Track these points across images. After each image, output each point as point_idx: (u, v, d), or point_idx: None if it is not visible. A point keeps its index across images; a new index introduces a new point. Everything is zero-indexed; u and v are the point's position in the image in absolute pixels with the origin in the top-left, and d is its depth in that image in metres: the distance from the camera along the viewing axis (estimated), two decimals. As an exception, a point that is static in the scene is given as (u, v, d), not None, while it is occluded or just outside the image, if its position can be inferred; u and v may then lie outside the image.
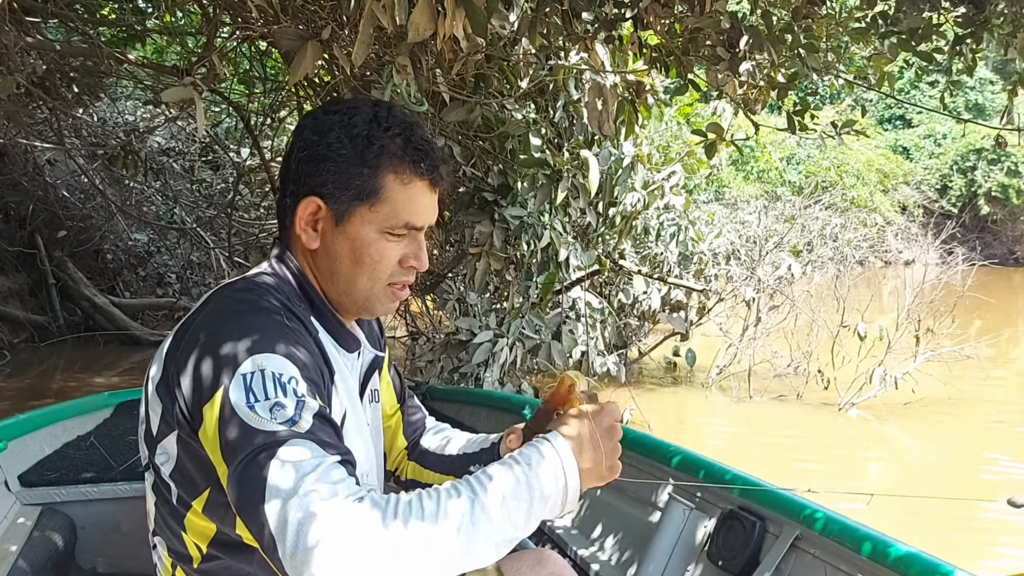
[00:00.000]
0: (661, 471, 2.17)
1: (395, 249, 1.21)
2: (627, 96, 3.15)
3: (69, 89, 6.81)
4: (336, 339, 1.27)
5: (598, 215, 4.30)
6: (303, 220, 1.21)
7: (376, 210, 1.19)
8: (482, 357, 3.92)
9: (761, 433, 6.47)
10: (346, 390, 1.25)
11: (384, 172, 1.18)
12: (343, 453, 1.01)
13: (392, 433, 1.56)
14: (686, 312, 7.03)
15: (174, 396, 1.09)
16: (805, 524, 1.74)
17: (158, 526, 1.23)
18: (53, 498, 2.12)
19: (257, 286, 1.18)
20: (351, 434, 1.24)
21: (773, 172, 26.28)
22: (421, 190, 1.21)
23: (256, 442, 0.98)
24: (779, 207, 9.49)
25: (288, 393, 1.02)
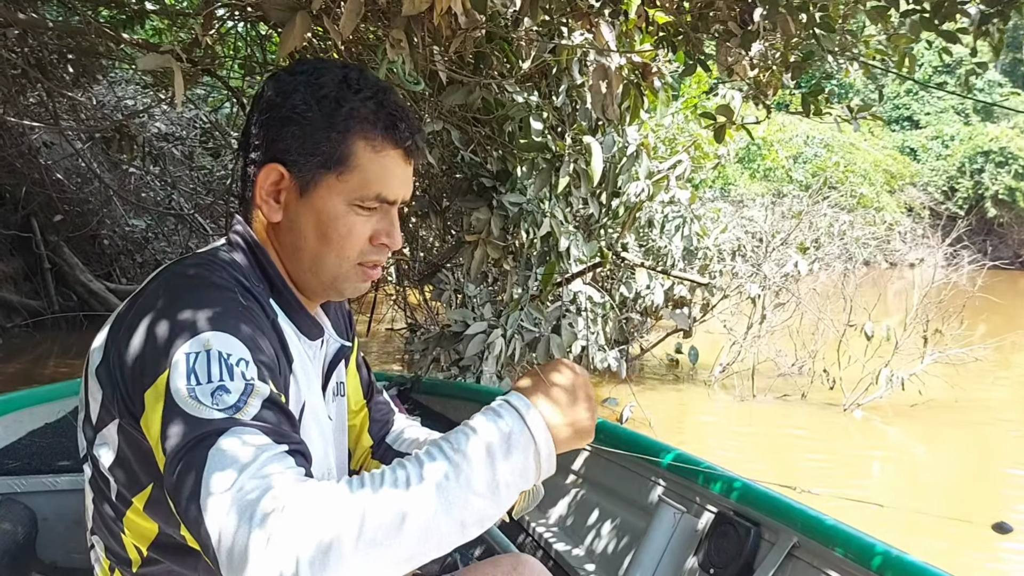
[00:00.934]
0: (652, 471, 2.05)
1: (365, 224, 1.10)
2: (633, 79, 3.02)
3: (65, 70, 6.70)
4: (297, 324, 1.15)
5: (600, 205, 4.17)
6: (264, 190, 1.09)
7: (345, 179, 1.07)
8: (476, 349, 3.79)
9: (764, 433, 6.36)
10: (306, 380, 1.13)
11: (354, 138, 1.07)
12: (295, 443, 0.89)
13: (357, 431, 1.44)
14: (689, 308, 6.90)
15: (115, 380, 0.98)
16: (803, 531, 1.61)
17: (96, 525, 1.11)
18: (13, 488, 2.01)
19: (210, 262, 1.06)
20: (310, 429, 1.13)
21: (780, 170, 26.19)
22: (394, 160, 1.10)
23: (194, 432, 0.86)
24: (787, 203, 9.35)
25: (235, 376, 0.90)
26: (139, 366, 0.94)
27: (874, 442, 6.42)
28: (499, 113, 3.31)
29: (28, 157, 7.92)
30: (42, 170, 8.05)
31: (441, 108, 3.63)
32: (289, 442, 0.88)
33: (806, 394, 7.17)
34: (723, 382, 7.45)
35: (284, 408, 0.94)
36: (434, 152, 3.60)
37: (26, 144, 7.83)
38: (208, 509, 0.81)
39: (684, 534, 1.89)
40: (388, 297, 7.70)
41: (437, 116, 3.70)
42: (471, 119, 3.63)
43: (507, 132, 3.38)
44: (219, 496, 0.81)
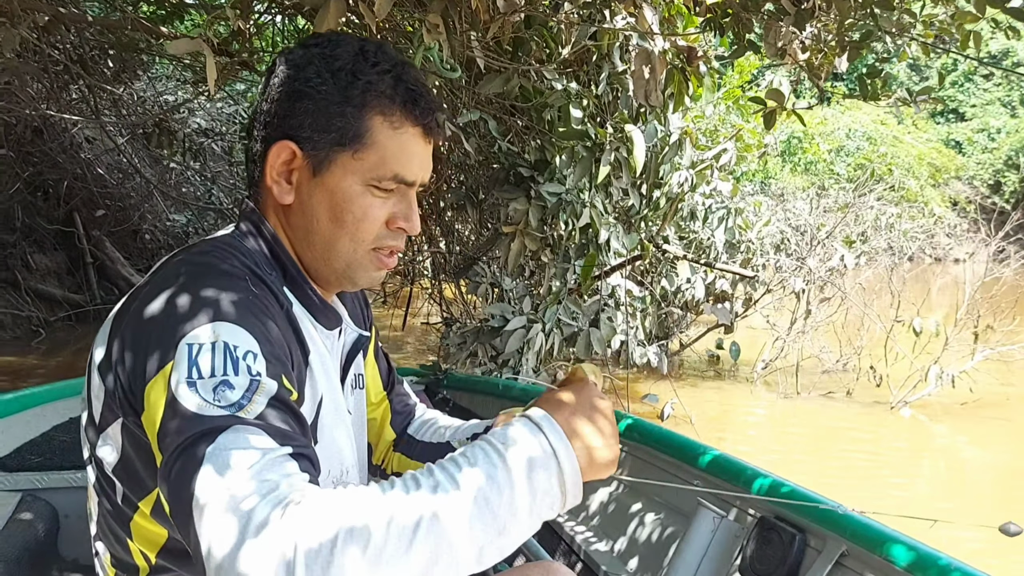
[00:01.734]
0: (690, 473, 1.95)
1: (382, 207, 1.03)
2: (677, 63, 2.91)
3: (106, 65, 6.75)
4: (313, 313, 1.08)
5: (641, 196, 4.07)
6: (275, 169, 1.02)
7: (361, 158, 1.00)
8: (516, 345, 3.71)
9: (808, 432, 6.20)
10: (324, 373, 1.07)
11: (371, 113, 1.00)
12: (300, 446, 0.83)
13: (379, 424, 1.37)
14: (731, 303, 6.75)
15: (117, 376, 0.91)
16: (853, 540, 1.50)
17: (100, 530, 1.04)
18: (35, 484, 1.98)
19: (219, 249, 1.00)
20: (329, 424, 1.06)
21: (821, 164, 25.78)
22: (413, 138, 1.03)
23: (191, 430, 0.80)
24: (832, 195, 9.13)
25: (240, 370, 0.84)
26: (141, 359, 0.88)
27: (922, 441, 6.23)
28: (538, 101, 3.22)
29: (71, 152, 8.01)
30: (84, 165, 8.14)
31: (478, 97, 3.55)
32: (294, 444, 0.82)
33: (852, 391, 6.98)
34: (765, 379, 7.29)
35: (292, 406, 0.87)
36: (471, 142, 3.52)
37: (68, 140, 7.92)
38: (200, 514, 0.75)
39: (724, 539, 1.79)
40: (424, 291, 7.67)
41: (474, 105, 3.63)
42: (509, 108, 3.55)
43: (546, 120, 3.29)
44: (213, 501, 0.75)
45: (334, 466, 1.07)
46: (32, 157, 7.77)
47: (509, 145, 3.55)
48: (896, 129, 29.15)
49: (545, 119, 3.29)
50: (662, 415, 4.99)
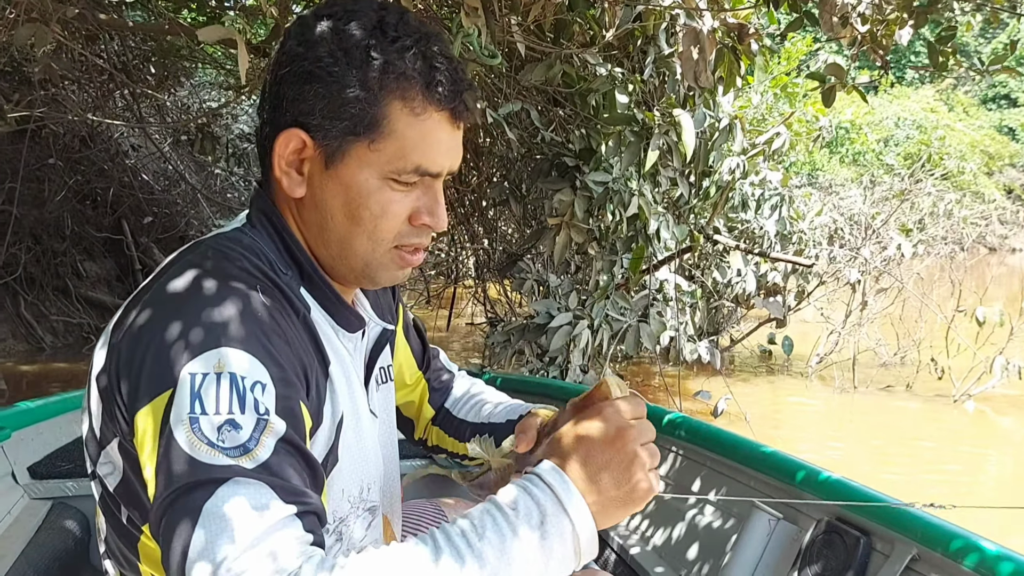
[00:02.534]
0: (743, 472, 1.83)
1: (403, 201, 0.92)
2: (727, 42, 2.78)
3: (148, 72, 6.81)
4: (334, 316, 0.99)
5: (690, 185, 3.93)
6: (283, 159, 0.91)
7: (378, 148, 0.89)
8: (561, 342, 3.60)
9: (867, 428, 5.99)
10: (346, 383, 0.98)
11: (389, 98, 0.88)
12: (305, 502, 0.76)
13: (418, 404, 1.30)
14: (783, 296, 6.56)
15: (113, 393, 0.83)
16: (924, 543, 1.35)
17: (109, 549, 0.97)
18: (65, 492, 1.92)
19: (229, 249, 0.91)
20: (351, 441, 0.98)
21: (870, 154, 25.28)
22: (438, 124, 0.91)
23: (190, 476, 0.73)
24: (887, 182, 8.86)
25: (247, 407, 0.76)
26: (135, 380, 0.80)
27: (988, 435, 5.99)
28: (582, 87, 3.11)
29: (117, 160, 8.11)
30: (130, 173, 8.24)
31: (519, 87, 3.46)
32: (299, 501, 0.75)
33: (911, 385, 6.74)
34: (820, 373, 7.08)
35: (301, 448, 0.79)
36: (512, 133, 3.43)
37: (114, 148, 8.03)
38: (195, 566, 0.69)
39: (781, 543, 1.65)
40: (467, 291, 7.61)
41: (515, 95, 3.53)
42: (551, 97, 3.45)
43: (591, 106, 3.18)
44: (205, 566, 0.69)
45: (352, 486, 0.99)
46: (80, 166, 7.89)
47: (552, 135, 3.45)
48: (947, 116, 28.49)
49: (590, 104, 3.18)
50: (715, 412, 4.85)
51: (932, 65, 2.41)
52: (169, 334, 0.79)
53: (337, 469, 0.96)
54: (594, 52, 2.94)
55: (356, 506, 1.00)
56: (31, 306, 7.56)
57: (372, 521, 1.04)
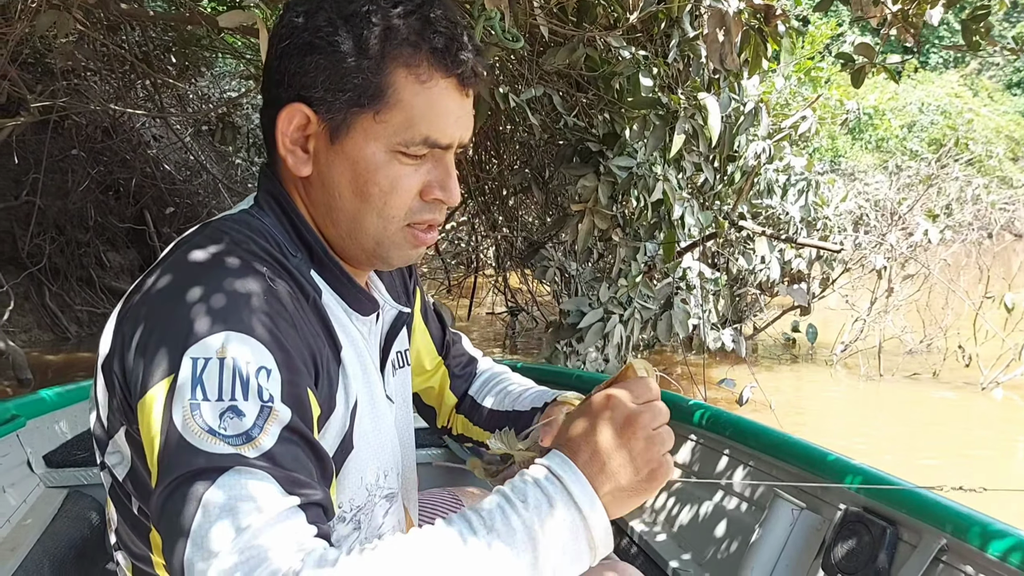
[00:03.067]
0: (765, 461, 1.79)
1: (413, 176, 0.88)
2: (753, 24, 2.74)
3: (169, 62, 6.83)
4: (346, 299, 0.96)
5: (715, 170, 3.88)
6: (287, 137, 0.88)
7: (384, 119, 0.85)
8: (594, 340, 3.57)
9: (893, 416, 5.92)
10: (360, 367, 0.95)
11: (392, 66, 0.84)
12: (309, 493, 0.74)
13: (438, 391, 1.27)
14: (808, 283, 6.49)
15: (117, 380, 0.81)
16: (953, 532, 1.31)
17: (120, 540, 0.95)
18: (81, 480, 1.91)
19: (236, 232, 0.88)
20: (366, 428, 0.95)
21: (893, 140, 24.99)
22: (446, 91, 0.87)
23: (191, 464, 0.70)
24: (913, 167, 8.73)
25: (250, 393, 0.73)
26: (139, 365, 0.77)
27: (1017, 423, 5.90)
28: (606, 70, 3.07)
29: (139, 151, 8.16)
30: (152, 163, 8.28)
31: (541, 71, 3.42)
32: (302, 493, 0.73)
33: (938, 373, 6.66)
34: (845, 361, 7.01)
35: (306, 436, 0.77)
36: (535, 119, 3.40)
37: (136, 138, 8.07)
38: (193, 569, 0.68)
39: (804, 534, 1.61)
40: (488, 280, 7.59)
41: (537, 80, 3.50)
42: (574, 81, 3.41)
43: (615, 90, 3.13)
44: (207, 558, 0.67)
45: (369, 473, 0.96)
46: (102, 156, 7.94)
47: (575, 120, 3.41)
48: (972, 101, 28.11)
49: (614, 88, 3.13)
50: (740, 400, 4.80)
51: (966, 45, 2.34)
52: (172, 319, 0.77)
53: (352, 456, 0.93)
54: (617, 35, 2.90)
55: (374, 493, 0.98)
56: (56, 296, 7.63)
57: (390, 508, 1.02)
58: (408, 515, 1.15)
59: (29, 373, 5.76)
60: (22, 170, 6.93)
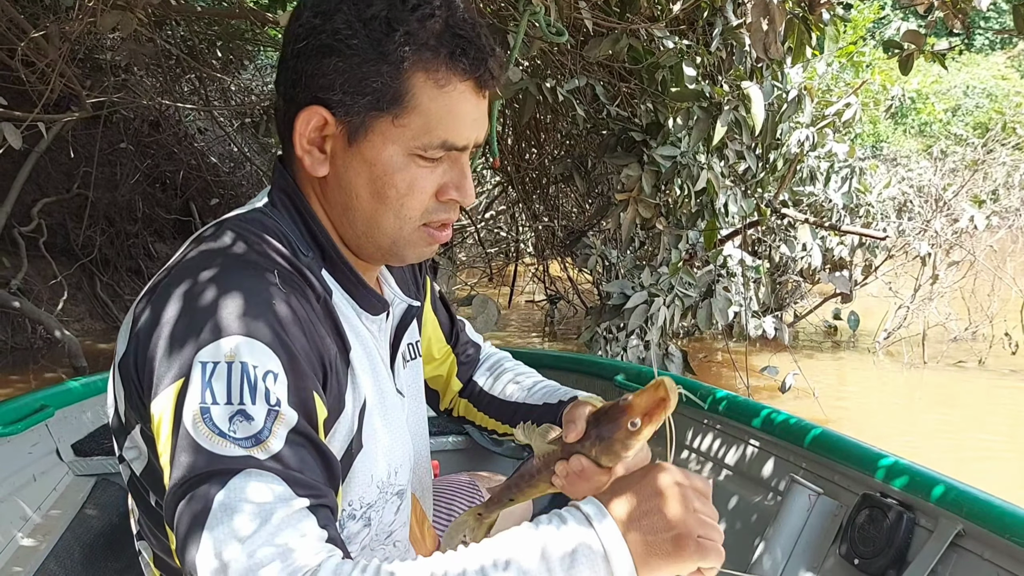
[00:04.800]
0: (782, 447, 1.80)
1: (430, 177, 0.90)
2: (797, 12, 2.74)
3: (214, 55, 6.95)
4: (356, 299, 0.97)
5: (757, 158, 3.88)
6: (305, 138, 0.89)
7: (402, 124, 0.86)
8: (638, 321, 3.60)
9: (937, 404, 5.86)
10: (370, 367, 0.97)
11: (412, 70, 0.85)
12: (318, 495, 0.76)
13: (446, 378, 1.29)
14: (850, 271, 6.44)
15: (132, 379, 0.84)
16: (971, 518, 1.33)
17: (142, 530, 0.98)
18: (108, 468, 1.96)
19: (248, 231, 0.89)
20: (376, 426, 0.96)
21: (936, 125, 24.48)
22: (463, 95, 0.88)
23: (203, 467, 0.73)
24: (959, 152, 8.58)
25: (258, 397, 0.75)
26: (151, 368, 0.80)
27: (1066, 412, 5.81)
28: (649, 61, 3.09)
29: (185, 144, 8.31)
30: (198, 156, 8.43)
31: (584, 62, 3.45)
32: (312, 494, 0.75)
33: (984, 360, 6.57)
34: (888, 349, 6.94)
35: (314, 440, 0.79)
36: (580, 109, 3.43)
37: (182, 131, 8.22)
38: (204, 570, 0.70)
39: (821, 519, 1.64)
40: (529, 268, 7.63)
41: (580, 71, 3.53)
42: (618, 72, 3.43)
43: (658, 81, 3.16)
44: (219, 559, 0.69)
45: (380, 470, 0.98)
46: (149, 149, 8.10)
47: (619, 110, 3.44)
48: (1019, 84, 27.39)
49: (657, 80, 3.15)
50: (783, 387, 4.79)
51: (1017, 29, 2.32)
52: (182, 322, 0.79)
53: (362, 455, 0.94)
54: (661, 26, 2.92)
55: (385, 490, 0.99)
56: (107, 286, 7.82)
57: (400, 504, 1.04)
58: (419, 505, 1.17)
59: (84, 361, 5.92)
60: (73, 164, 7.10)
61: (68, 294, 6.92)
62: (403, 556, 1.01)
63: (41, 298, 6.78)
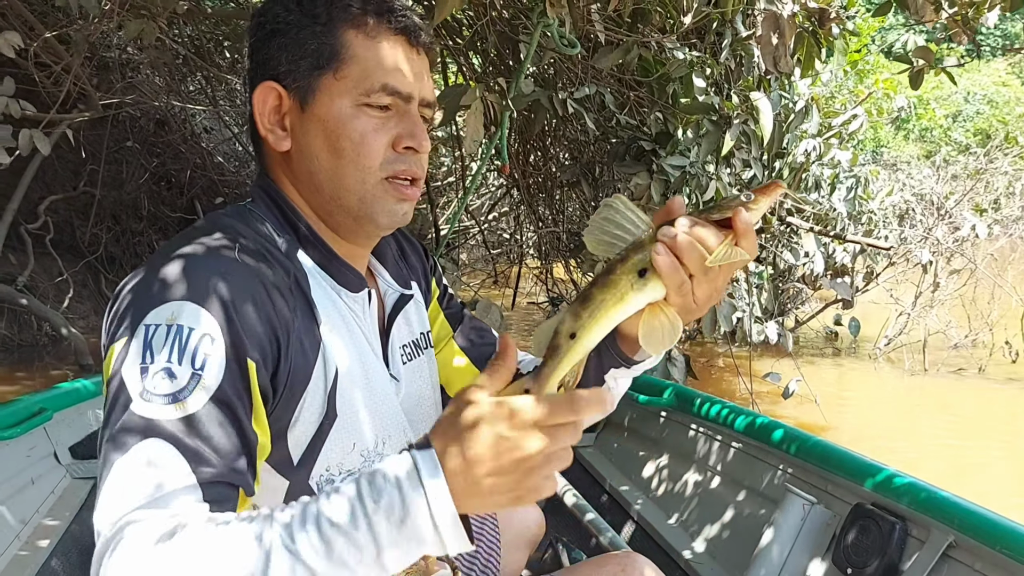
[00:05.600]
0: (778, 456, 1.83)
1: (382, 128, 0.95)
2: (808, 26, 2.78)
3: (222, 56, 6.98)
4: (333, 275, 1.00)
5: (764, 167, 3.92)
6: (265, 117, 0.96)
7: (343, 75, 0.94)
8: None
9: (938, 412, 5.90)
10: (351, 340, 0.99)
11: (342, 27, 0.94)
12: (214, 467, 0.76)
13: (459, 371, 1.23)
14: (851, 277, 6.48)
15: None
16: (961, 529, 1.36)
17: None
18: None
19: (221, 218, 0.95)
20: (352, 396, 0.98)
21: (937, 131, 24.52)
22: (396, 45, 0.96)
23: (120, 424, 0.76)
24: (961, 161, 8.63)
25: (185, 358, 0.78)
26: (105, 328, 0.85)
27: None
28: (660, 72, 3.13)
29: (191, 143, 8.33)
30: (204, 154, 8.45)
31: (594, 70, 3.49)
32: (207, 470, 0.76)
33: (984, 368, 6.61)
34: (889, 356, 6.99)
35: (233, 407, 0.80)
36: (589, 117, 3.47)
37: (189, 130, 8.24)
38: (97, 520, 0.73)
39: (815, 528, 1.67)
40: (533, 271, 7.67)
41: (590, 79, 3.56)
42: (628, 80, 3.47)
43: (668, 94, 3.19)
44: (104, 515, 0.73)
45: (366, 439, 0.99)
46: (155, 148, 8.13)
47: (628, 118, 3.47)
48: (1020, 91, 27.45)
49: (667, 92, 3.19)
50: (786, 393, 4.82)
51: (1025, 50, 2.35)
52: (139, 291, 0.83)
53: (338, 423, 0.96)
54: (672, 38, 2.96)
55: (370, 459, 1.00)
56: (111, 284, 7.83)
57: None
58: None
59: (90, 359, 5.94)
60: (80, 162, 7.13)
61: (73, 292, 6.94)
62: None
63: (47, 295, 6.80)
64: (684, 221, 0.76)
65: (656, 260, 0.76)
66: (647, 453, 2.24)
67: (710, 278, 0.78)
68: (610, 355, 0.99)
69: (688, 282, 0.77)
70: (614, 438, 2.45)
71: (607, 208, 0.79)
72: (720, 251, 0.74)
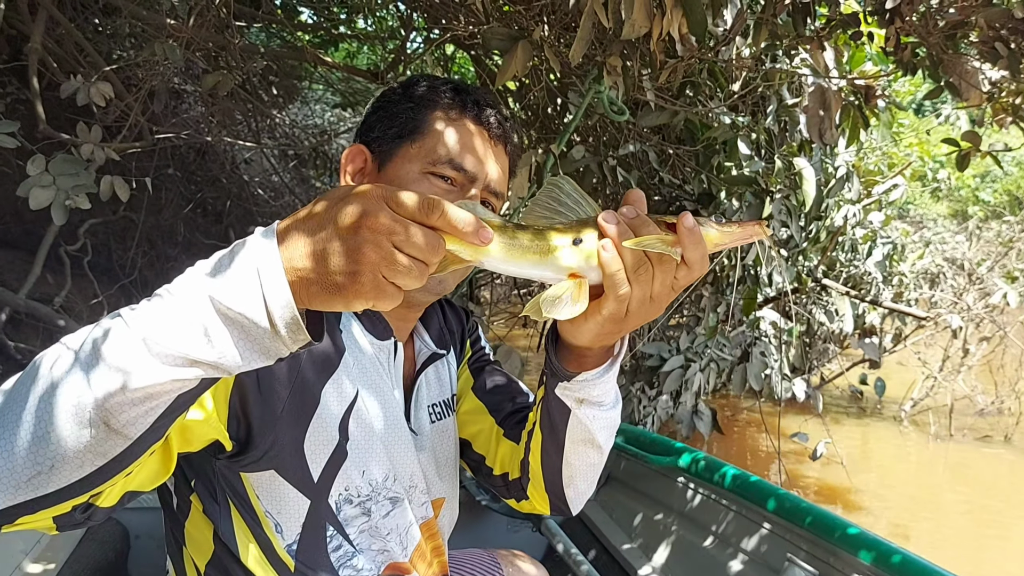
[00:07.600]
0: (782, 526, 1.81)
1: (440, 196, 0.93)
2: (854, 101, 2.85)
3: (268, 92, 7.15)
4: (363, 322, 1.10)
5: (801, 229, 3.97)
6: (348, 173, 1.11)
7: (418, 144, 1.07)
8: (674, 384, 3.67)
9: (961, 481, 5.84)
10: (367, 375, 1.06)
11: (431, 108, 1.09)
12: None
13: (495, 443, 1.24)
14: (880, 338, 6.47)
15: None
16: None
17: (167, 543, 1.12)
18: None
19: None
20: (368, 425, 1.04)
21: (964, 190, 24.41)
22: (471, 132, 1.09)
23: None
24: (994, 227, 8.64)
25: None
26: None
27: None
28: (705, 136, 3.20)
29: (231, 172, 8.50)
30: (243, 184, 8.62)
31: (639, 129, 3.57)
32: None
33: (1010, 436, 6.56)
34: (914, 418, 6.95)
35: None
36: (632, 175, 3.54)
37: (230, 160, 8.41)
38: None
39: None
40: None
41: (634, 137, 3.65)
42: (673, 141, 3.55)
43: (713, 165, 3.26)
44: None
45: (374, 471, 1.06)
46: (196, 176, 8.29)
47: (670, 176, 3.54)
48: (1050, 154, 27.33)
49: (713, 164, 3.26)
50: (815, 455, 4.81)
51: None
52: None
53: (351, 445, 1.03)
54: (720, 106, 3.04)
55: (377, 491, 1.07)
56: (144, 308, 7.93)
57: (392, 510, 1.10)
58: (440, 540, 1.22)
59: (123, 382, 6.01)
60: (124, 187, 7.27)
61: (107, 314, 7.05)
62: (398, 558, 1.10)
63: (81, 317, 6.91)
64: (631, 208, 0.78)
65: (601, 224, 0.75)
66: (648, 513, 2.23)
67: (644, 280, 0.78)
68: (551, 365, 0.97)
69: (623, 272, 0.76)
70: (619, 495, 2.45)
71: (553, 187, 0.77)
72: (649, 238, 0.73)
